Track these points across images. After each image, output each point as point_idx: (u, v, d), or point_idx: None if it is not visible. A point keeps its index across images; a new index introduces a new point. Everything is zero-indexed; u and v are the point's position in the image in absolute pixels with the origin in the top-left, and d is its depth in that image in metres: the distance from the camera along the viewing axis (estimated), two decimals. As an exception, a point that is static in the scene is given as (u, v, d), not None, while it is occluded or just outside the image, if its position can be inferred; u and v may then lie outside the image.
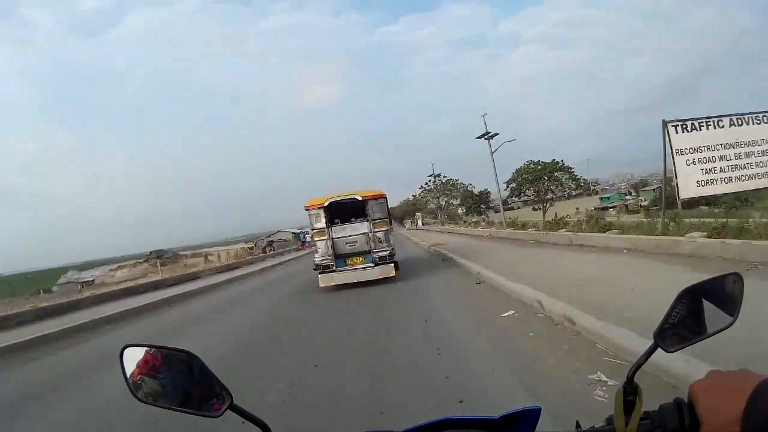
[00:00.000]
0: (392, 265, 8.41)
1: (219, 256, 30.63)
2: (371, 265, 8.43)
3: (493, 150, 23.39)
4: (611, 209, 49.81)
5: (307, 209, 8.73)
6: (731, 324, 0.71)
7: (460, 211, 51.36)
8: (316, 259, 8.57)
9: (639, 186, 61.40)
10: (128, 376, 0.69)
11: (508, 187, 34.68)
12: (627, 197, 52.65)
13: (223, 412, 0.68)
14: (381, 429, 0.66)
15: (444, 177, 51.44)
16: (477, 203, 50.00)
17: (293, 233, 52.75)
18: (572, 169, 33.59)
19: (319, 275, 8.50)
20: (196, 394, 0.69)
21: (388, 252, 8.45)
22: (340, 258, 8.59)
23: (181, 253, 59.21)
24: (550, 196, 33.71)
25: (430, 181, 52.31)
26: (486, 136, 23.79)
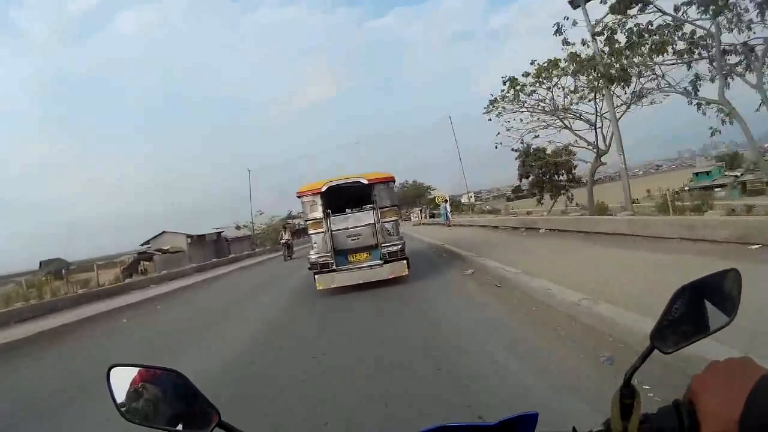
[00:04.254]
0: (404, 261, 7.47)
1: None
2: (379, 262, 7.45)
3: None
4: (716, 188, 39.01)
5: (300, 196, 7.77)
6: (729, 323, 0.71)
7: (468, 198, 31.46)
8: (312, 257, 7.59)
9: (729, 159, 44.74)
10: (116, 397, 0.73)
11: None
12: (728, 172, 41.45)
13: (212, 429, 0.70)
14: None
15: None
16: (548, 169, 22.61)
17: (188, 236, 33.02)
18: None
19: (316, 276, 7.49)
20: (185, 413, 0.72)
21: (399, 246, 7.47)
22: (341, 254, 7.64)
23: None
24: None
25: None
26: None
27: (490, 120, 15.59)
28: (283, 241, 19.87)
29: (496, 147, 16.13)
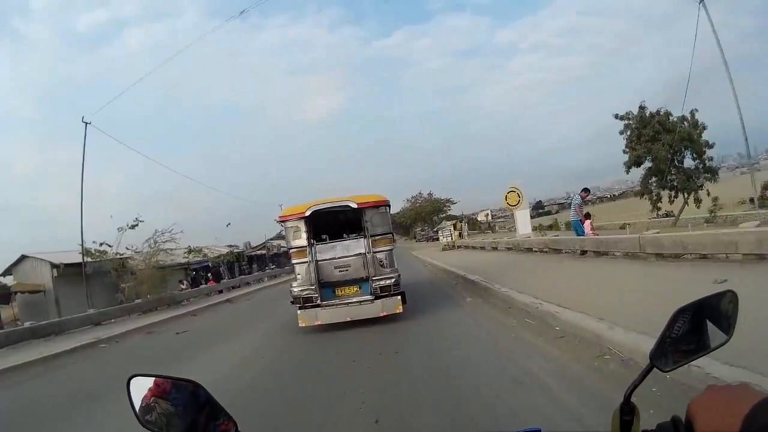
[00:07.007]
0: (398, 297, 6.88)
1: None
2: (370, 297, 6.87)
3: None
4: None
5: (282, 221, 7.29)
6: (726, 342, 0.74)
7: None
8: (295, 289, 7.08)
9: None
10: (136, 406, 0.75)
11: None
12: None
13: None
14: None
15: None
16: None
17: (54, 266, 20.23)
18: None
19: (299, 311, 7.00)
20: (202, 423, 0.74)
21: (393, 280, 6.88)
22: (328, 287, 7.13)
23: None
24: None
25: None
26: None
27: None
28: None
29: None
